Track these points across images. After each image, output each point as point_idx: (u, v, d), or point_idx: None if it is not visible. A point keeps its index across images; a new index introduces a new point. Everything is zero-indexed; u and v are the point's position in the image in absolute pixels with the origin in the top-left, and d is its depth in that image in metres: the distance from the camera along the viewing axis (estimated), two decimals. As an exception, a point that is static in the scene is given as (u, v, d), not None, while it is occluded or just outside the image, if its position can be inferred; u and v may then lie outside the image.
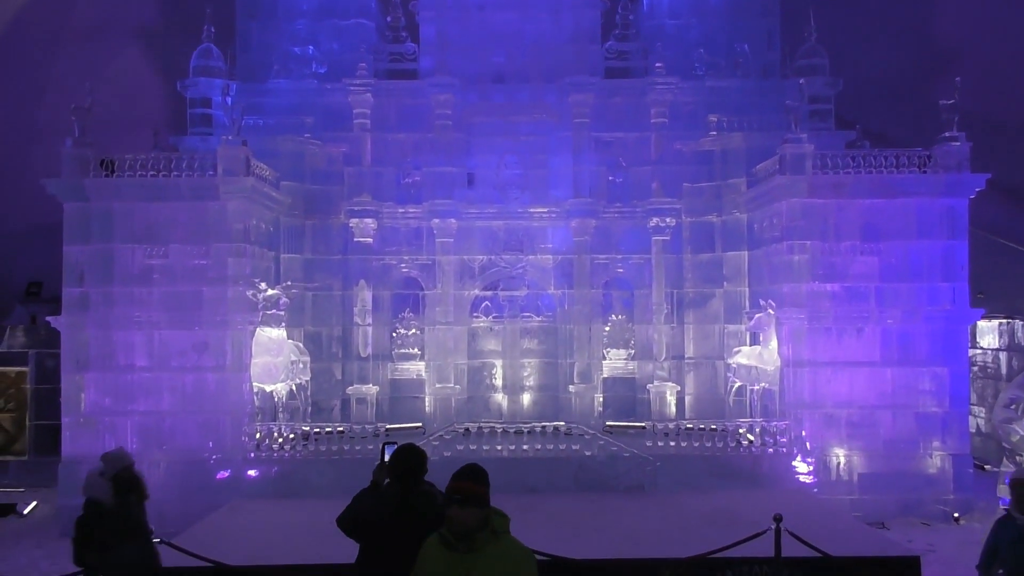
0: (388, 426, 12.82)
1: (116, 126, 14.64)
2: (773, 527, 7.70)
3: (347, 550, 5.37)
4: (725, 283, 14.53)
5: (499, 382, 15.05)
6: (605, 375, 14.87)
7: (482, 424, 12.82)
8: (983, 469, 13.35)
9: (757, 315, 12.87)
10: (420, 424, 13.80)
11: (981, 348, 14.53)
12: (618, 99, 14.83)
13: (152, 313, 11.71)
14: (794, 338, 12.18)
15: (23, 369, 14.40)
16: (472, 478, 4.35)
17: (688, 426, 12.45)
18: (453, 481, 4.33)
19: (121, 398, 11.69)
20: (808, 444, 11.95)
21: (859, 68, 15.14)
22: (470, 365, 14.83)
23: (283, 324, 12.70)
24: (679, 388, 14.48)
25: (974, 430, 14.01)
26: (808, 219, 12.15)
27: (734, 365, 13.80)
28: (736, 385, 13.81)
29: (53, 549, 10.49)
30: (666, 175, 14.49)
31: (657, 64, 14.30)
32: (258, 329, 12.33)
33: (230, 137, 12.03)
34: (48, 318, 12.12)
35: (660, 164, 14.52)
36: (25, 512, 12.36)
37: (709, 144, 14.48)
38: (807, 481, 11.79)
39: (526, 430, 12.30)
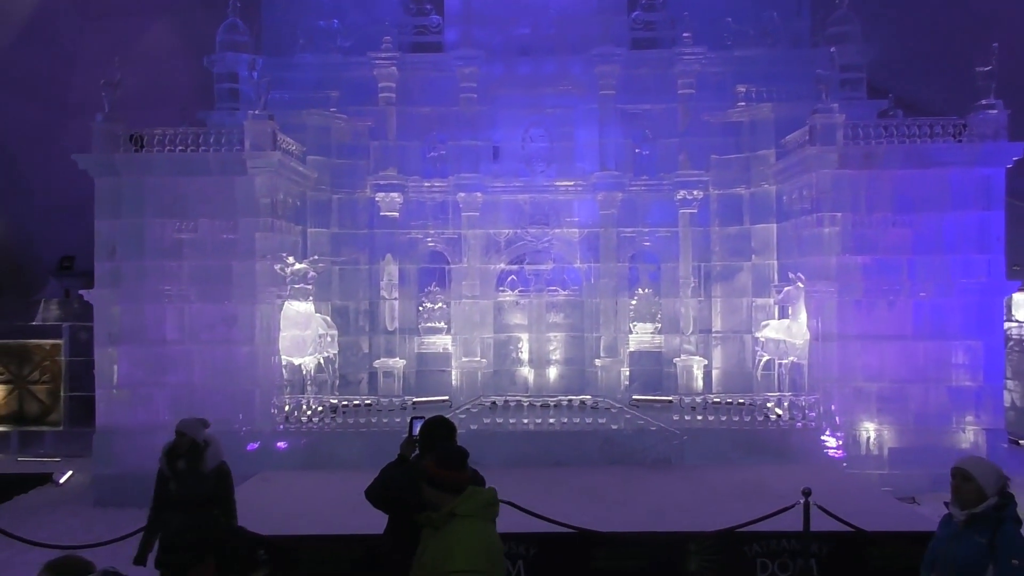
0: (415, 399, 12.90)
1: (145, 102, 14.71)
2: (802, 501, 7.64)
3: (375, 521, 5.42)
4: (753, 256, 14.39)
5: (525, 356, 15.06)
6: (631, 349, 14.83)
7: (508, 397, 12.86)
8: (1017, 444, 13.18)
9: (786, 288, 12.74)
10: (447, 397, 13.88)
11: (1016, 321, 14.29)
12: (645, 70, 14.64)
13: (182, 287, 11.85)
14: (823, 311, 12.05)
15: (57, 342, 14.65)
16: (445, 463, 4.30)
17: (715, 400, 12.40)
18: (428, 462, 4.32)
19: (153, 370, 11.85)
20: (837, 418, 11.86)
21: (892, 35, 14.78)
22: (496, 339, 14.86)
23: (311, 298, 12.78)
24: (706, 362, 14.41)
25: (1008, 404, 13.81)
26: (839, 190, 11.97)
27: (762, 339, 13.69)
28: (764, 359, 13.71)
29: (89, 517, 10.73)
30: (693, 147, 14.32)
31: (684, 34, 14.09)
32: (286, 303, 12.42)
33: (257, 112, 12.06)
34: (81, 292, 12.30)
35: (687, 136, 14.35)
36: (61, 481, 12.62)
37: (737, 115, 14.27)
38: (836, 455, 11.71)
39: (552, 403, 12.32)
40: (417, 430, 5.44)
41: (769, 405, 12.23)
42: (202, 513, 6.38)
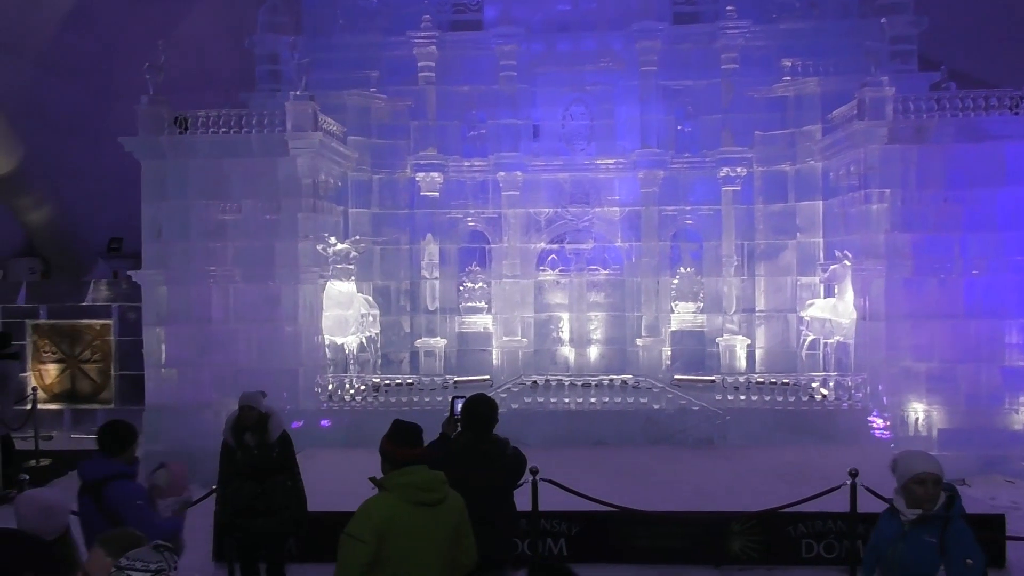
0: (456, 378, 12.95)
1: (188, 84, 14.89)
2: (849, 482, 7.54)
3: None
4: (798, 234, 14.14)
5: (566, 335, 15.03)
6: (673, 328, 14.70)
7: (549, 377, 12.84)
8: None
9: (832, 267, 12.51)
10: (488, 377, 13.92)
11: (1072, 300, 13.85)
12: (687, 45, 14.40)
13: (227, 267, 11.99)
14: (871, 290, 11.80)
15: (107, 322, 14.97)
16: (391, 438, 4.45)
17: (759, 380, 12.26)
18: (394, 446, 4.41)
19: (199, 350, 12.04)
20: (885, 399, 11.65)
21: (945, 4, 14.32)
22: (536, 318, 14.84)
23: (352, 278, 12.87)
24: (749, 342, 14.23)
25: (1062, 385, 13.42)
26: (888, 166, 11.67)
27: (807, 318, 13.48)
28: (809, 338, 13.50)
29: (139, 493, 10.96)
30: (737, 123, 14.08)
31: (728, 7, 13.81)
32: (328, 283, 12.53)
33: (298, 93, 12.11)
34: (129, 272, 12.53)
35: (730, 112, 14.10)
36: (113, 458, 12.90)
37: (782, 90, 13.98)
38: (883, 436, 11.51)
39: (593, 383, 12.28)
40: (459, 409, 5.49)
41: (814, 385, 12.06)
42: (271, 482, 6.60)
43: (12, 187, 16.19)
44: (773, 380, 12.18)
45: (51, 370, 15.16)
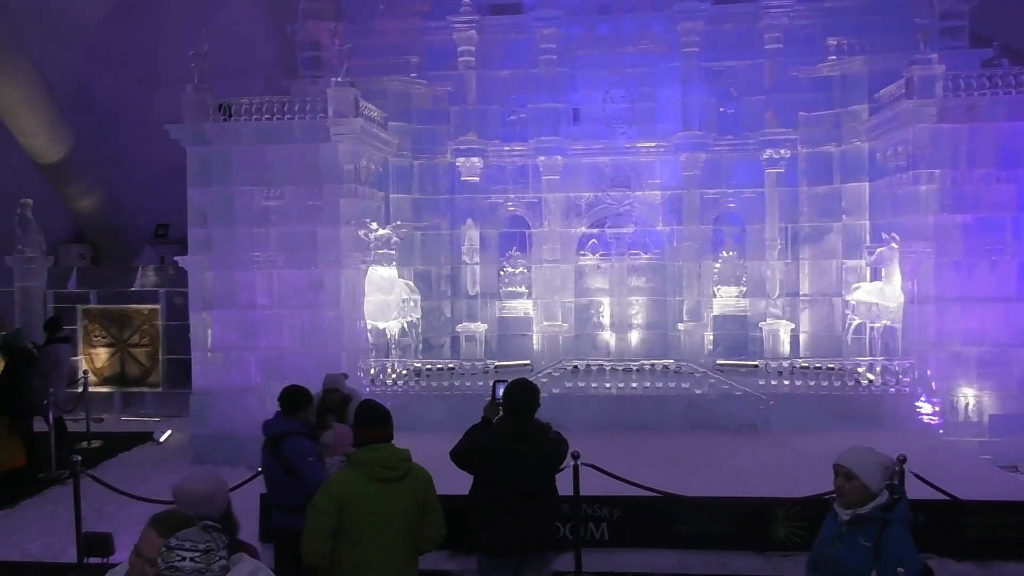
0: (497, 363, 12.97)
1: (232, 71, 15.05)
2: (896, 468, 7.40)
3: (460, 481, 5.49)
4: (844, 216, 13.88)
5: (606, 320, 14.97)
6: (715, 313, 14.56)
7: (590, 361, 12.80)
8: None
9: (879, 249, 12.26)
10: (528, 361, 13.93)
11: None
12: (729, 25, 14.17)
13: (270, 253, 12.13)
14: (920, 273, 11.56)
15: (155, 307, 15.27)
16: (364, 424, 4.72)
17: (803, 364, 12.08)
18: (362, 429, 4.69)
19: (244, 334, 12.22)
20: (933, 384, 11.42)
21: (998, -21, 13.90)
22: (577, 303, 14.80)
23: (394, 263, 12.95)
24: (793, 326, 14.03)
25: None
26: (937, 146, 11.40)
27: (853, 302, 13.25)
28: (855, 323, 13.28)
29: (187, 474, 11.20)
30: (780, 104, 13.84)
31: (772, -14, 13.57)
32: (370, 268, 12.62)
33: (339, 79, 12.16)
34: (176, 258, 12.73)
35: (774, 93, 13.87)
36: (161, 440, 13.21)
37: (827, 69, 13.70)
38: (932, 422, 11.29)
39: (635, 368, 12.21)
40: (500, 393, 5.51)
41: (860, 370, 11.86)
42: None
43: (62, 175, 16.55)
44: (818, 365, 12.00)
45: (101, 354, 15.52)
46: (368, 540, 4.41)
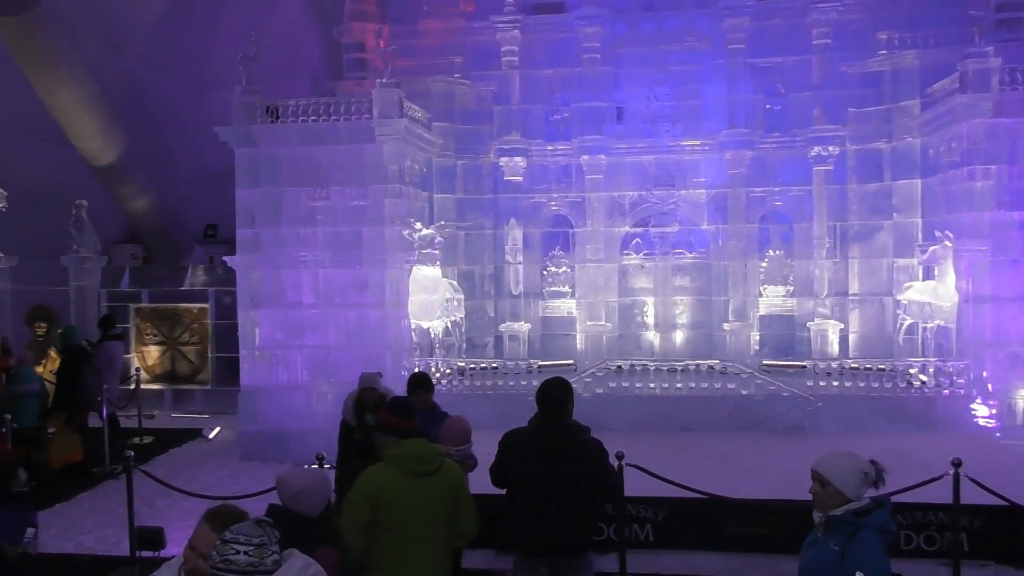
0: (540, 363, 12.95)
1: (279, 73, 15.25)
2: (951, 472, 7.22)
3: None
4: (895, 214, 13.59)
5: (650, 320, 14.86)
6: (762, 312, 14.37)
7: (634, 361, 12.72)
8: None
9: (932, 248, 11.99)
10: (572, 361, 13.89)
11: None
12: (776, 21, 13.98)
13: (317, 253, 12.26)
14: (975, 272, 11.27)
15: (204, 305, 15.53)
16: (391, 410, 4.78)
17: (853, 365, 11.86)
18: (392, 416, 4.73)
19: (291, 333, 12.37)
20: (990, 386, 11.13)
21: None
22: (621, 303, 14.71)
23: (438, 263, 13.00)
24: (842, 326, 13.78)
25: None
26: (993, 141, 11.12)
27: (905, 301, 12.97)
28: (907, 323, 13.00)
29: (236, 470, 11.38)
30: (829, 100, 13.61)
31: (820, -19, 13.34)
32: (414, 267, 12.68)
33: (383, 80, 12.25)
34: (224, 258, 12.94)
35: (822, 89, 13.65)
36: (210, 436, 13.43)
37: (877, 64, 13.43)
38: (988, 425, 11.00)
39: (679, 368, 12.10)
40: None
41: (912, 371, 11.60)
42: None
43: (115, 177, 16.91)
44: (868, 366, 11.77)
45: (153, 352, 15.83)
46: (403, 533, 4.45)
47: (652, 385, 11.78)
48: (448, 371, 12.46)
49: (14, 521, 6.52)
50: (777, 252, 14.44)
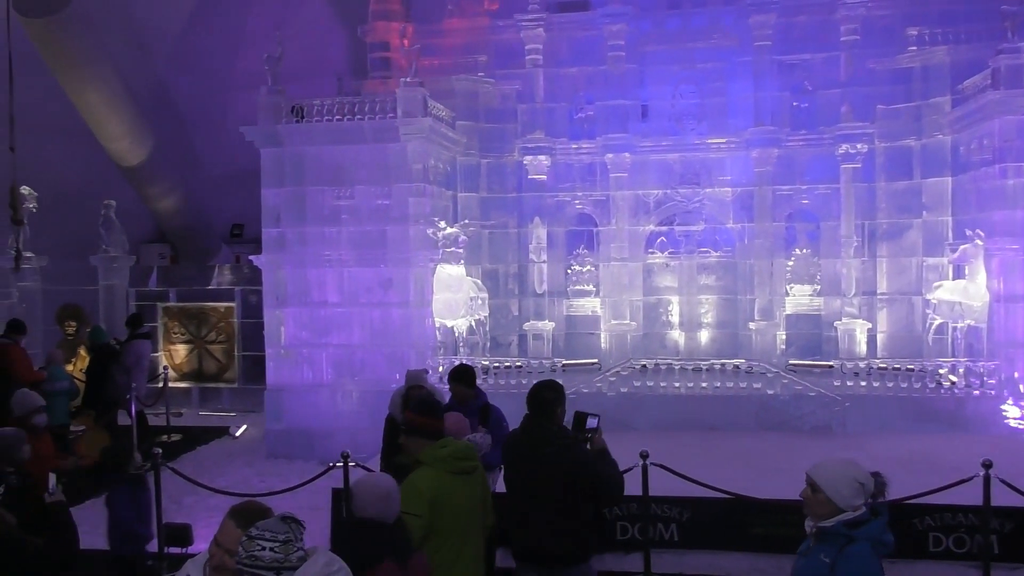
0: (564, 362, 12.94)
1: (304, 73, 15.34)
2: (981, 474, 7.11)
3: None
4: (924, 212, 13.41)
5: (675, 319, 14.78)
6: (788, 312, 14.24)
7: (659, 360, 12.66)
8: None
9: (962, 246, 11.82)
10: (596, 360, 13.85)
11: None
12: (803, 18, 13.84)
13: (341, 252, 12.31)
14: (1007, 271, 11.10)
15: (231, 304, 15.67)
16: (420, 411, 4.69)
17: (881, 365, 11.73)
18: (406, 412, 4.73)
19: (317, 331, 12.43)
20: (1021, 387, 10.95)
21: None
22: (645, 301, 14.64)
23: (462, 261, 13.01)
24: (870, 325, 13.62)
25: None
26: (1026, 138, 10.93)
27: (934, 301, 12.79)
28: (936, 322, 12.82)
29: (262, 468, 11.47)
30: (857, 97, 13.44)
31: (848, -24, 13.19)
32: (438, 266, 12.71)
33: (408, 79, 12.28)
34: (250, 257, 13.04)
35: (850, 86, 13.48)
36: (237, 434, 13.55)
37: (907, 61, 13.26)
38: (1019, 427, 10.82)
39: (704, 367, 12.03)
40: (592, 426, 4.94)
41: (942, 371, 11.45)
42: None
43: (143, 177, 17.11)
44: (896, 366, 11.63)
45: (180, 350, 16.00)
46: (455, 534, 4.39)
47: (677, 384, 11.71)
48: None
49: (136, 501, 6.57)
50: (804, 251, 14.31)
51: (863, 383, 11.39)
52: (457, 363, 6.99)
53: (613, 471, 4.96)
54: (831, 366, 12.09)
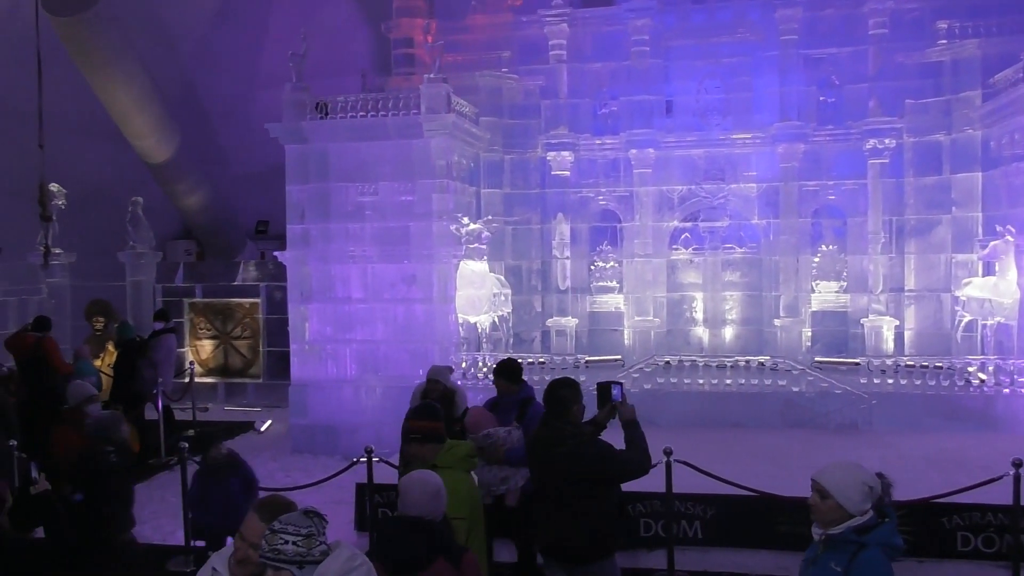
0: (588, 358, 12.89)
1: (328, 70, 15.41)
2: (1011, 473, 7.00)
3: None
4: (954, 208, 13.22)
5: (699, 315, 14.69)
6: (814, 308, 14.10)
7: (683, 357, 12.58)
8: None
9: (993, 243, 11.63)
10: (619, 357, 13.80)
11: None
12: (830, 11, 13.69)
13: (365, 248, 12.35)
14: (1038, 267, 10.91)
15: (256, 300, 15.77)
16: (428, 416, 4.61)
17: (908, 363, 11.56)
18: (410, 421, 4.61)
19: (340, 327, 12.49)
20: (1052, 385, 10.77)
21: None
22: (669, 298, 14.56)
23: (485, 257, 13.01)
24: (897, 323, 13.46)
25: None
26: (1059, 133, 10.74)
27: (963, 298, 12.60)
28: (965, 320, 12.63)
29: (287, 463, 11.54)
30: (885, 92, 13.27)
31: (877, -31, 13.03)
32: (462, 262, 12.71)
33: (431, 75, 12.28)
34: (275, 253, 13.12)
35: (878, 80, 13.32)
36: (262, 429, 13.65)
37: (937, 54, 13.06)
38: (1050, 425, 10.65)
39: (729, 364, 11.94)
40: (616, 395, 5.07)
41: (971, 369, 11.27)
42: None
43: (170, 174, 17.28)
44: (924, 363, 11.46)
45: (206, 346, 16.14)
46: (481, 530, 4.52)
47: (701, 381, 11.64)
48: (495, 366, 12.44)
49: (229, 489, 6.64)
50: (830, 247, 14.17)
51: (890, 380, 11.25)
52: (503, 357, 7.09)
53: (632, 452, 4.97)
54: (857, 363, 11.95)
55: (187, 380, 13.98)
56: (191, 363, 14.84)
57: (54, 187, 12.91)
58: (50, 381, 10.41)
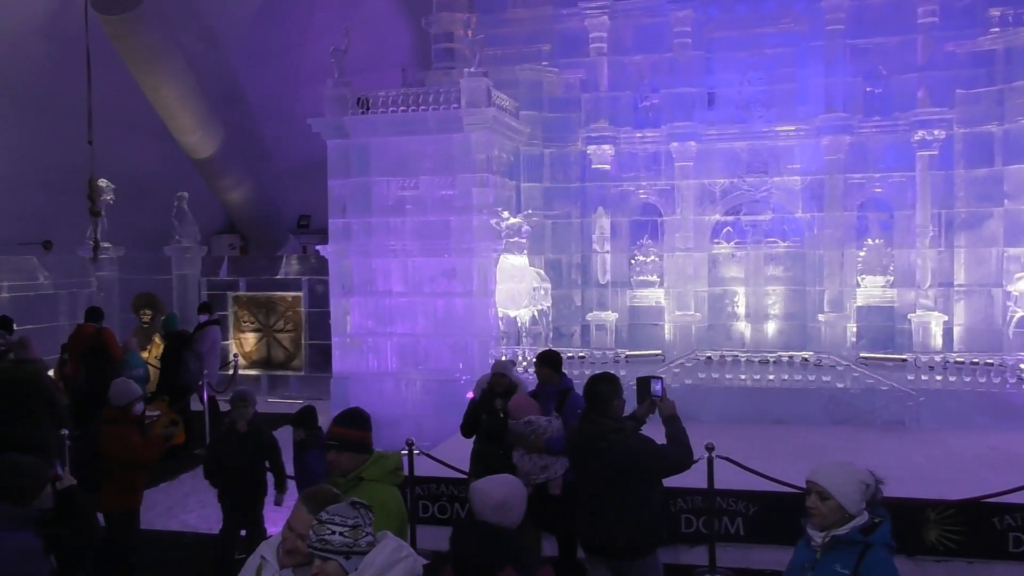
0: (628, 352, 12.82)
1: (370, 65, 15.52)
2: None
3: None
4: (1006, 201, 12.88)
5: (741, 310, 14.53)
6: (859, 303, 13.86)
7: (724, 352, 12.45)
8: None
9: (1047, 236, 11.34)
10: (660, 351, 13.69)
11: None
12: (878, 0, 13.42)
13: (406, 242, 12.42)
14: (1094, 262, 10.60)
15: (298, 294, 15.96)
16: (352, 424, 4.16)
17: (958, 359, 11.33)
18: (332, 426, 4.17)
19: (381, 321, 12.58)
20: (1108, 383, 10.47)
21: None
22: (710, 292, 14.43)
23: (525, 251, 13.01)
24: (946, 318, 13.17)
25: None
26: (1117, 123, 10.40)
27: (1015, 293, 12.30)
28: (1017, 315, 12.32)
29: (329, 455, 11.65)
30: (935, 81, 12.98)
31: (926, -45, 12.73)
32: (502, 256, 12.72)
33: (472, 69, 12.29)
34: (317, 247, 13.25)
35: (928, 70, 13.03)
36: (304, 421, 13.77)
37: (989, 43, 12.73)
38: (1106, 424, 10.36)
39: (771, 359, 11.79)
40: (657, 390, 5.07)
41: (1023, 366, 11.00)
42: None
43: (214, 169, 17.53)
44: (974, 360, 11.22)
45: (250, 338, 16.37)
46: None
47: (743, 376, 11.53)
48: (535, 360, 12.44)
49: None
50: (876, 241, 13.90)
51: (938, 377, 11.03)
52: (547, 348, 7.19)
53: (674, 447, 4.94)
54: (904, 359, 11.73)
55: (231, 372, 14.19)
56: (235, 355, 15.05)
57: (103, 182, 13.16)
58: (111, 371, 10.63)
